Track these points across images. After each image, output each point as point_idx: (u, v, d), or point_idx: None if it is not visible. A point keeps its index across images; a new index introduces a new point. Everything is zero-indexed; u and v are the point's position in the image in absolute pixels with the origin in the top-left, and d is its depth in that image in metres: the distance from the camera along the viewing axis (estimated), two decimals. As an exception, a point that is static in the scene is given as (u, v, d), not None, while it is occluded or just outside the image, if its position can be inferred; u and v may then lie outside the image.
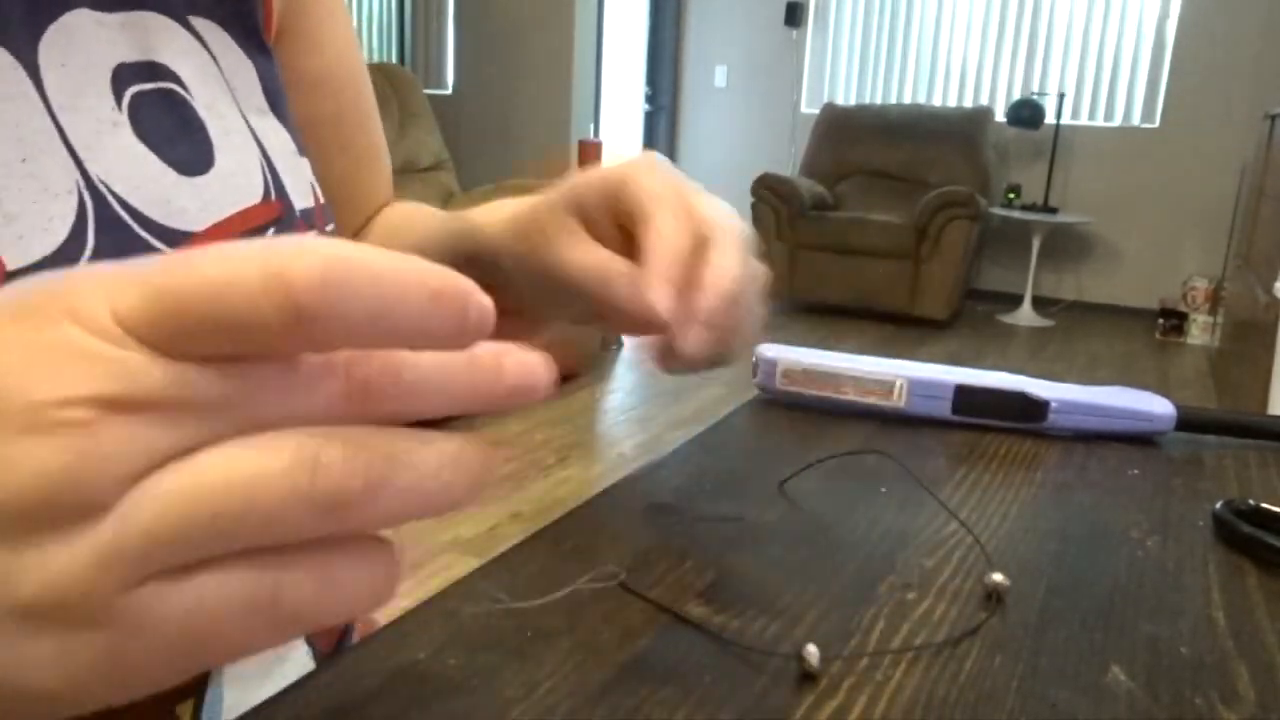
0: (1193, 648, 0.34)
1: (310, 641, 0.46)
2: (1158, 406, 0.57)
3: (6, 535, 0.17)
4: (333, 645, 0.48)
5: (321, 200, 0.46)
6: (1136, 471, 0.52)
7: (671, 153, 6.76)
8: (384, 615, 0.30)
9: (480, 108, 5.54)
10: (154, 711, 0.37)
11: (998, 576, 0.36)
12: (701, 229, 0.38)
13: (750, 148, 6.44)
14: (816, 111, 5.95)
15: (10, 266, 0.31)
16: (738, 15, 6.37)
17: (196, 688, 0.39)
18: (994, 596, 0.36)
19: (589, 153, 5.57)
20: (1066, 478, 0.51)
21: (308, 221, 0.44)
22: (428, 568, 1.94)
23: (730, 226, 0.39)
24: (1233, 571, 0.40)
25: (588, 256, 0.39)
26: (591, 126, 5.91)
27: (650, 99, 6.68)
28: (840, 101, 6.06)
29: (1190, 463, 0.54)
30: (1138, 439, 0.57)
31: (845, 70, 6.24)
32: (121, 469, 0.17)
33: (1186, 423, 0.57)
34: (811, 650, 0.31)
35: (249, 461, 0.17)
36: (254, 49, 0.44)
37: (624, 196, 0.38)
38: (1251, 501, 0.45)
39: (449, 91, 5.12)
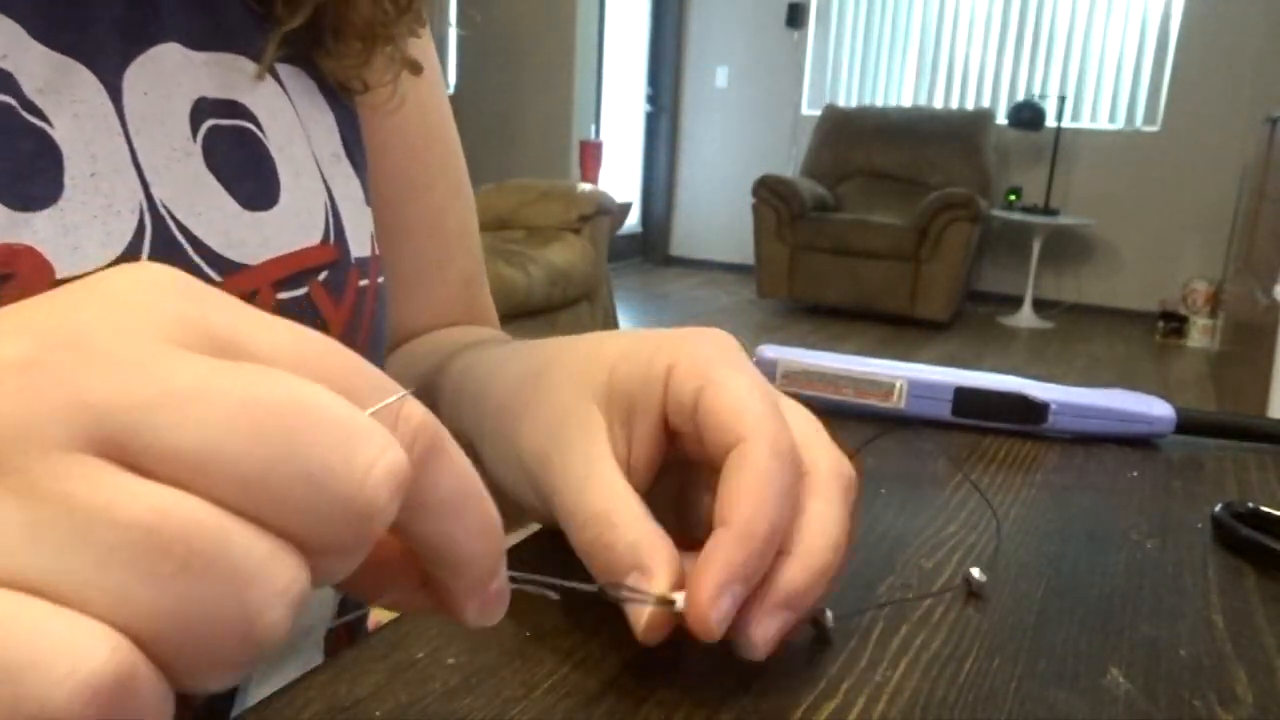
0: (1191, 650, 0.34)
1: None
2: (1157, 409, 0.57)
3: None
4: (348, 638, 0.49)
5: (378, 253, 0.46)
6: (1136, 474, 0.52)
7: (672, 153, 6.77)
8: (383, 614, 0.30)
9: (482, 108, 5.55)
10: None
11: (990, 577, 0.36)
12: (799, 462, 0.29)
13: (751, 149, 6.44)
14: (818, 113, 5.95)
15: (60, 274, 0.31)
16: (739, 16, 6.37)
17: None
18: (993, 598, 0.36)
19: (589, 152, 5.57)
20: (1066, 480, 0.51)
21: (362, 270, 0.44)
22: (427, 567, 1.94)
23: (834, 461, 0.30)
24: (1231, 574, 0.40)
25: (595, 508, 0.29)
26: (593, 127, 5.91)
27: (651, 100, 6.68)
28: (841, 103, 6.06)
29: (1189, 465, 0.54)
30: (1137, 441, 0.57)
31: (846, 71, 6.25)
32: None
33: (1186, 425, 0.57)
34: (828, 615, 0.32)
35: None
36: (335, 99, 0.45)
37: (705, 407, 0.29)
38: (1251, 504, 0.45)
39: (451, 92, 5.13)
